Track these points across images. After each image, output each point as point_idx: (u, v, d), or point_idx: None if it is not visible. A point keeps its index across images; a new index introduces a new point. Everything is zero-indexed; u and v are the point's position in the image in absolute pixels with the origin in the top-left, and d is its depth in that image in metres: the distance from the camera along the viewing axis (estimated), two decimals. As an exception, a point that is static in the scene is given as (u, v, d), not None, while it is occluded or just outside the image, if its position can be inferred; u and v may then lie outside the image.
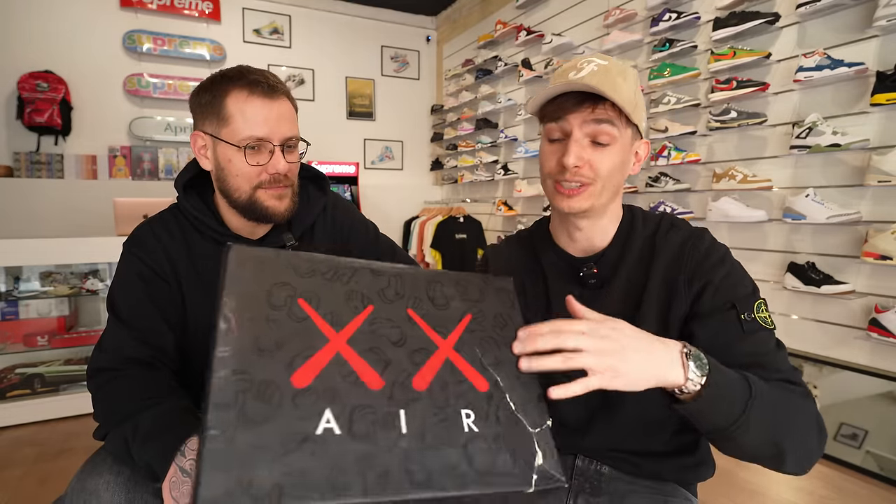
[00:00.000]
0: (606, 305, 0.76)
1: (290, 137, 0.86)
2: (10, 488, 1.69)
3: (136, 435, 0.71)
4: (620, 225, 0.81)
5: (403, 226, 4.68)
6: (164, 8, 3.93)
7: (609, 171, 0.73)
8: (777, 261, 2.17)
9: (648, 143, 0.80)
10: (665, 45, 2.54)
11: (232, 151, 0.83)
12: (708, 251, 0.75)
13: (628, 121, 0.72)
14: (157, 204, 2.28)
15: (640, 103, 0.74)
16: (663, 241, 0.78)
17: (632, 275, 0.78)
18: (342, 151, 4.67)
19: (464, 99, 4.37)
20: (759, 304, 0.71)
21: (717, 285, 0.72)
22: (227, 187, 0.86)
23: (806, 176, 2.07)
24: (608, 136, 0.71)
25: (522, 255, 0.88)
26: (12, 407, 2.19)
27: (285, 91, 0.87)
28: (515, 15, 3.83)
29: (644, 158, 0.79)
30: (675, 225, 0.80)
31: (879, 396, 1.82)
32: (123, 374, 0.80)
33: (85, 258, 2.26)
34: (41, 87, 3.50)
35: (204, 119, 0.85)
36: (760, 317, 0.70)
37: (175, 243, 0.89)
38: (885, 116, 1.82)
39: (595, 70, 0.71)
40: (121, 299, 0.86)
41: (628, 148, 0.75)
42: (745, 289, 0.72)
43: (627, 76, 0.72)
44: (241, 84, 0.83)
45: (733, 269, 0.74)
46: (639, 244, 0.79)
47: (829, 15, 1.98)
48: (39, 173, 3.57)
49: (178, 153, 3.97)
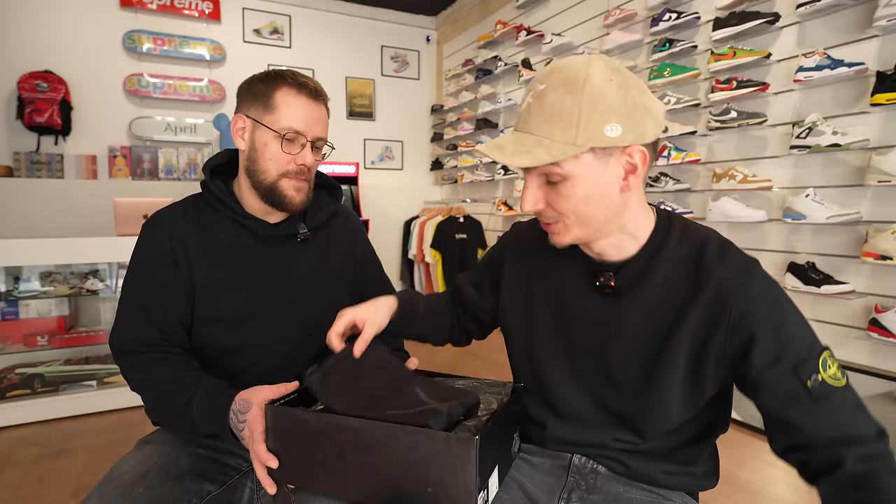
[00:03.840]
0: (625, 316, 0.73)
1: (320, 138, 0.96)
2: (10, 488, 1.69)
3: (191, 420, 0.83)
4: (650, 238, 0.72)
5: (403, 226, 4.69)
6: (164, 8, 3.93)
7: (573, 209, 0.66)
8: (777, 261, 2.17)
9: (643, 150, 0.65)
10: (665, 45, 2.54)
11: (270, 137, 0.92)
12: (759, 295, 0.65)
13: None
14: (157, 204, 2.27)
15: (608, 105, 0.62)
16: (713, 266, 0.68)
17: (664, 293, 0.71)
18: (342, 151, 4.66)
19: (464, 99, 4.38)
20: (825, 358, 0.63)
21: (769, 345, 0.63)
22: (256, 168, 0.94)
23: (806, 176, 2.07)
24: (557, 174, 0.65)
25: (542, 246, 0.80)
26: (12, 407, 2.19)
27: (326, 100, 0.98)
28: (515, 15, 3.83)
29: (643, 167, 0.66)
30: (727, 251, 0.69)
31: (879, 396, 1.82)
32: (143, 363, 0.90)
33: (85, 258, 2.26)
34: (41, 87, 3.50)
35: (250, 104, 0.94)
36: (830, 375, 0.62)
37: (189, 225, 0.96)
38: (885, 116, 1.82)
39: (528, 109, 0.66)
40: (132, 278, 0.95)
41: (596, 174, 0.65)
42: (804, 343, 0.64)
43: (577, 85, 0.62)
44: (293, 83, 0.93)
45: (787, 320, 0.64)
46: (674, 261, 0.71)
47: (829, 15, 1.98)
48: (39, 173, 3.57)
49: (178, 153, 3.97)
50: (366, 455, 0.66)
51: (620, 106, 0.62)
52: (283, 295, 0.98)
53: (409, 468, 0.63)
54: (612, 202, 0.67)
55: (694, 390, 0.70)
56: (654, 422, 0.73)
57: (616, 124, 0.62)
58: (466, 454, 0.60)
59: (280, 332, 0.98)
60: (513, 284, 0.87)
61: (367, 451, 0.66)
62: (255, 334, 0.96)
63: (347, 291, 1.07)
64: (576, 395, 0.78)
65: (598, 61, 0.64)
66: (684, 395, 0.71)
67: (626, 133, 0.63)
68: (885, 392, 1.81)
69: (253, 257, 0.97)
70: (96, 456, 1.91)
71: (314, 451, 0.69)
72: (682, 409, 0.71)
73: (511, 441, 0.78)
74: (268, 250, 0.99)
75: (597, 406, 0.77)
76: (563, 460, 0.81)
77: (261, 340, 0.96)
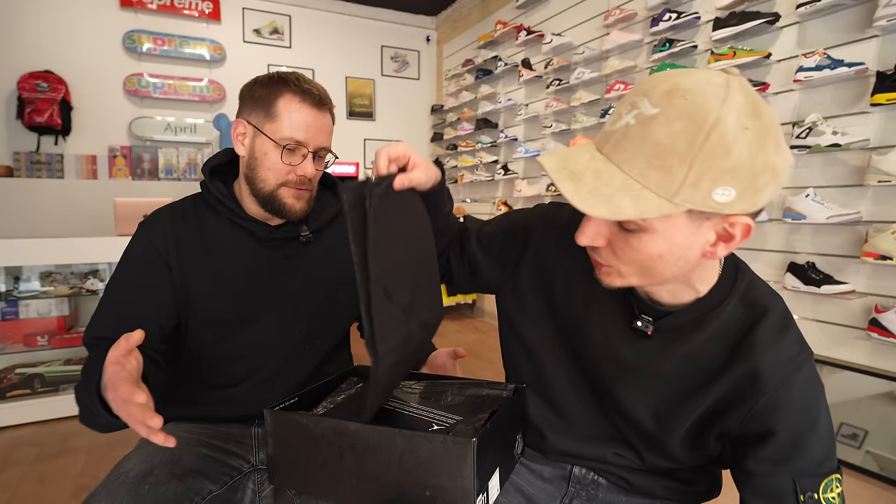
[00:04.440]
0: (654, 360, 0.66)
1: (323, 147, 0.93)
2: (10, 488, 1.69)
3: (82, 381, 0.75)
4: (710, 293, 0.63)
5: (403, 226, 4.68)
6: (164, 8, 3.93)
7: (640, 262, 0.55)
8: (777, 261, 2.17)
9: (750, 224, 0.52)
10: (665, 45, 2.54)
11: (270, 146, 0.89)
12: (797, 396, 0.59)
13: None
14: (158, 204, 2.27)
15: (731, 163, 0.48)
16: (763, 344, 0.60)
17: (703, 351, 0.63)
18: (342, 151, 4.64)
19: (464, 99, 4.38)
20: (830, 480, 0.58)
21: (783, 446, 0.59)
22: (254, 176, 0.91)
23: (806, 176, 2.07)
24: (635, 224, 0.52)
25: (578, 253, 0.66)
26: (12, 407, 2.19)
27: (331, 107, 0.94)
28: (515, 15, 3.83)
29: (737, 242, 0.53)
30: (784, 334, 0.61)
31: (879, 396, 1.82)
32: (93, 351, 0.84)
33: (85, 258, 2.26)
34: (41, 87, 3.50)
35: (252, 110, 0.90)
36: (826, 498, 0.57)
37: (187, 227, 0.93)
38: (885, 116, 1.82)
39: (626, 133, 0.51)
40: (114, 276, 0.92)
41: (681, 237, 0.53)
42: (818, 457, 0.59)
43: (702, 126, 0.47)
44: (297, 90, 0.88)
45: (814, 431, 0.59)
46: (725, 321, 0.63)
47: (829, 15, 1.98)
48: (39, 173, 3.57)
49: (178, 153, 3.98)
50: (364, 458, 0.65)
51: (745, 166, 0.48)
52: (283, 299, 0.96)
53: (407, 471, 0.63)
54: (688, 263, 0.56)
55: (694, 450, 0.69)
56: (656, 456, 0.71)
57: (731, 188, 0.48)
58: (464, 456, 0.60)
59: (281, 336, 0.96)
60: (532, 276, 0.77)
61: (365, 455, 0.65)
62: (256, 339, 0.94)
63: (351, 295, 1.02)
64: (579, 406, 0.75)
65: (737, 96, 0.48)
66: (685, 447, 0.69)
67: (739, 201, 0.49)
68: (885, 392, 1.81)
69: (253, 260, 0.95)
70: (96, 456, 1.91)
71: (314, 455, 0.69)
72: (685, 454, 0.69)
73: (513, 443, 0.77)
74: (269, 253, 0.96)
75: (599, 422, 0.74)
76: (564, 470, 0.80)
77: (261, 345, 0.95)
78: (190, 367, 0.94)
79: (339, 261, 1.02)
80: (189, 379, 0.95)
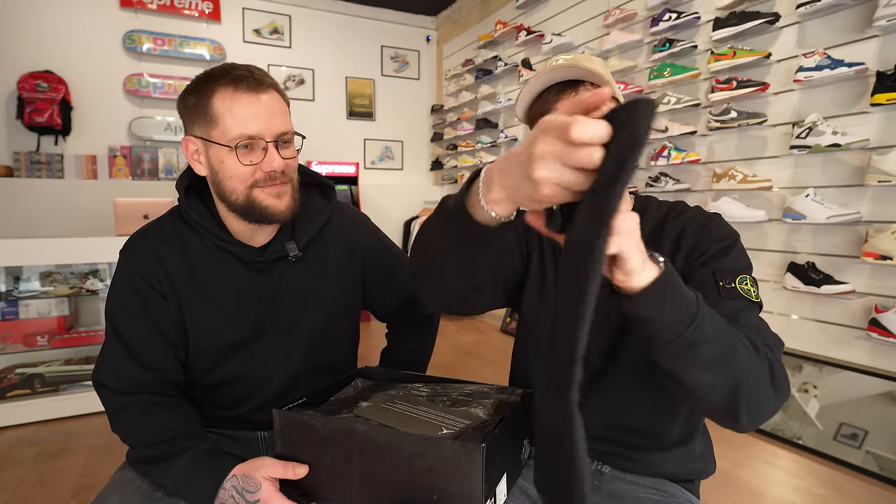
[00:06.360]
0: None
1: (283, 132, 0.81)
2: (10, 488, 1.69)
3: (173, 478, 0.76)
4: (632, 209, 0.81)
5: (403, 226, 4.69)
6: (164, 8, 3.93)
7: None
8: (777, 261, 2.17)
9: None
10: (665, 45, 2.54)
11: (224, 153, 0.79)
12: (707, 222, 0.77)
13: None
14: (157, 204, 2.28)
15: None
16: (672, 222, 0.79)
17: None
18: (342, 151, 4.66)
19: (464, 99, 4.38)
20: (742, 278, 0.69)
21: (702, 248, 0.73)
22: (223, 190, 0.82)
23: (806, 176, 2.07)
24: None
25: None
26: (12, 407, 2.19)
27: (273, 84, 0.83)
28: (515, 15, 3.83)
29: None
30: (686, 209, 0.81)
31: (879, 396, 1.82)
32: (137, 405, 0.81)
33: (85, 258, 2.26)
34: (41, 87, 3.50)
35: (193, 122, 0.82)
36: (742, 288, 0.68)
37: (172, 253, 0.86)
38: (885, 116, 1.82)
39: (564, 62, 0.73)
40: (119, 312, 0.85)
41: None
42: (731, 266, 0.71)
43: (596, 62, 0.73)
44: (226, 81, 0.78)
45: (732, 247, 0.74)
46: (649, 228, 0.80)
47: (829, 15, 1.98)
48: (39, 173, 3.57)
49: (178, 153, 3.98)
50: (372, 461, 0.65)
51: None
52: (277, 321, 0.91)
53: (415, 475, 0.63)
54: None
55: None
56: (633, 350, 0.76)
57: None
58: (473, 462, 0.59)
59: (279, 358, 0.92)
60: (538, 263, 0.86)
61: (373, 457, 0.65)
62: (253, 363, 0.90)
63: (347, 308, 0.99)
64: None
65: None
66: None
67: None
68: (885, 392, 1.81)
69: (244, 285, 0.89)
70: (96, 456, 1.91)
71: (321, 456, 0.69)
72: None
73: (520, 448, 0.77)
74: (257, 277, 0.90)
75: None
76: None
77: (259, 369, 0.91)
78: (190, 392, 0.92)
79: (331, 274, 0.96)
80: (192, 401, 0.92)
